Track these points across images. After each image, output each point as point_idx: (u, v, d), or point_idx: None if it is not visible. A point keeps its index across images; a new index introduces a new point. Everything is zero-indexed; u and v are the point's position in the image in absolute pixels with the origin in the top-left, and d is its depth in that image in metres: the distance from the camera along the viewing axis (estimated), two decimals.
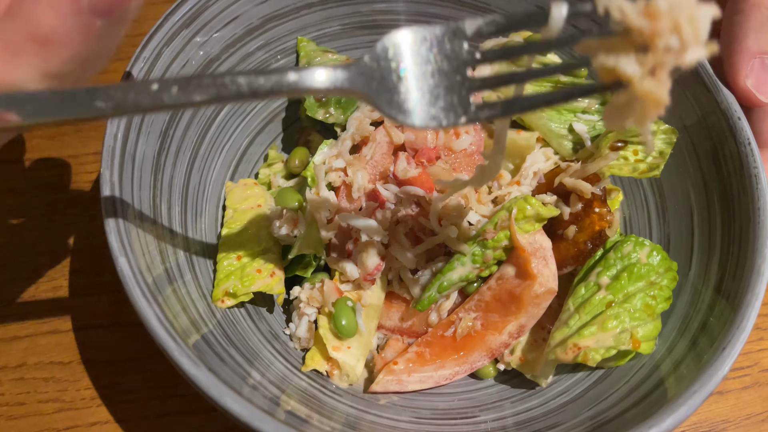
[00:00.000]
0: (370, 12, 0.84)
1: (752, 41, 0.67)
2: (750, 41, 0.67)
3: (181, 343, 0.53)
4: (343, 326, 0.67)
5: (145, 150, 0.66)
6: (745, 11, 0.68)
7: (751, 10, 0.68)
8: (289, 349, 0.72)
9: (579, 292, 0.68)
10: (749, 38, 0.67)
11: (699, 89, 0.72)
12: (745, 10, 0.68)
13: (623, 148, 0.73)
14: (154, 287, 0.57)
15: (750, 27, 0.67)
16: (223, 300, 0.67)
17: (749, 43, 0.67)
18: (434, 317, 0.73)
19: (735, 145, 0.68)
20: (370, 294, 0.72)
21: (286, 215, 0.73)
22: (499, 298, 0.70)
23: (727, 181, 0.69)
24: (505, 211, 0.69)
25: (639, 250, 0.67)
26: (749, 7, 0.68)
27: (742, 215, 0.66)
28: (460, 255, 0.70)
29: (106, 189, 0.59)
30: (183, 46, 0.71)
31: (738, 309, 0.60)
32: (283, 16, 0.80)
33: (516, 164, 0.81)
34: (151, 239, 0.63)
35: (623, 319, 0.64)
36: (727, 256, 0.66)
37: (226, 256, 0.70)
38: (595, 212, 0.69)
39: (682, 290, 0.69)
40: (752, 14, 0.67)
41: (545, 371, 0.69)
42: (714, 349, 0.59)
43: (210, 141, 0.77)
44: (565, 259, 0.70)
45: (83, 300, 0.81)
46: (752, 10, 0.68)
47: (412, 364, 0.69)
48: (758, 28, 0.67)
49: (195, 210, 0.73)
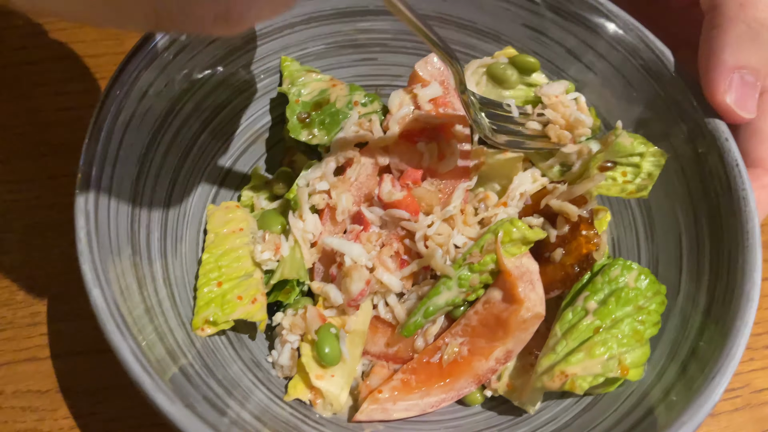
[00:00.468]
0: (353, 31, 0.83)
1: (729, 56, 0.66)
2: (727, 56, 0.66)
3: (156, 378, 0.52)
4: (327, 354, 0.65)
5: (122, 175, 0.64)
6: (721, 26, 0.67)
7: (728, 25, 0.67)
8: (272, 377, 0.70)
9: (566, 317, 0.67)
10: (726, 53, 0.66)
11: (686, 109, 0.71)
12: (721, 24, 0.67)
13: (612, 168, 0.72)
14: (130, 318, 0.56)
15: (726, 42, 0.66)
16: (203, 328, 0.66)
17: (726, 58, 0.66)
18: (420, 342, 0.71)
19: (723, 166, 0.67)
20: (355, 320, 0.70)
21: (269, 239, 0.72)
22: (485, 322, 0.69)
23: (715, 203, 0.68)
24: (491, 234, 0.68)
25: (627, 274, 0.66)
26: (726, 21, 0.67)
27: (731, 238, 0.65)
28: (446, 279, 0.68)
29: (81, 218, 0.57)
30: (163, 67, 0.70)
31: (728, 335, 0.59)
32: (265, 36, 0.79)
33: (503, 185, 0.80)
34: (128, 268, 0.61)
35: (611, 345, 0.63)
36: (716, 280, 0.65)
37: (206, 282, 0.68)
38: (582, 235, 0.68)
39: (671, 314, 0.68)
40: (729, 29, 0.67)
41: (533, 398, 0.67)
42: (704, 376, 0.58)
43: (191, 164, 0.76)
44: (553, 283, 0.69)
45: (62, 326, 0.79)
46: (729, 25, 0.67)
47: (398, 392, 0.68)
48: (735, 43, 0.66)
49: (175, 235, 0.71)
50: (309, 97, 0.79)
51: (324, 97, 0.79)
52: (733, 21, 0.66)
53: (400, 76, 0.88)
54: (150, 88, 0.68)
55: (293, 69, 0.82)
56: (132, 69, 0.66)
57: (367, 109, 0.78)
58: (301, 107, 0.78)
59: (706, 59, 0.68)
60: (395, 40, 0.86)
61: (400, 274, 0.71)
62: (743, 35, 0.66)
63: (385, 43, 0.86)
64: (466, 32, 0.85)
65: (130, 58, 0.67)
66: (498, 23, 0.83)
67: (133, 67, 0.66)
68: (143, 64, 0.67)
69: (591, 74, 0.80)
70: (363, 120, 0.77)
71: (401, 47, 0.87)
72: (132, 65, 0.66)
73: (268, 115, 0.84)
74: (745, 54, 0.66)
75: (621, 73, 0.78)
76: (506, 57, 0.79)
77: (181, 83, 0.72)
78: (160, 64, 0.69)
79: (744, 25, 0.66)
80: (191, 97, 0.74)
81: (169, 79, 0.70)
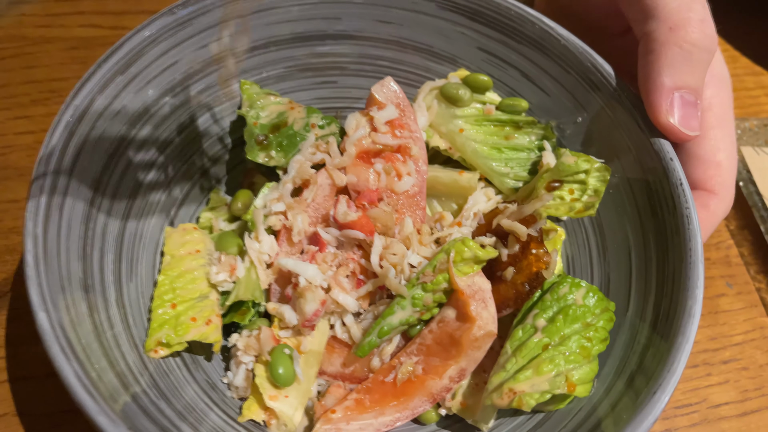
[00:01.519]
0: (311, 55, 0.85)
1: (666, 78, 0.68)
2: (664, 78, 0.68)
3: (100, 402, 0.52)
4: (280, 375, 0.66)
5: (75, 198, 0.65)
6: (654, 50, 0.70)
7: (662, 49, 0.69)
8: (227, 399, 0.70)
9: (516, 334, 0.68)
10: (663, 75, 0.69)
11: (633, 130, 0.73)
12: (655, 49, 0.70)
13: (559, 188, 0.73)
14: (78, 343, 0.56)
15: (662, 65, 0.69)
16: (156, 350, 0.66)
17: (664, 80, 0.68)
18: (376, 362, 0.72)
19: (668, 185, 0.69)
20: (311, 340, 0.71)
21: (224, 260, 0.72)
22: (440, 341, 0.69)
23: (661, 221, 0.70)
24: (444, 254, 0.69)
25: (575, 292, 0.67)
26: (658, 46, 0.70)
27: (676, 255, 0.67)
28: (401, 298, 0.69)
29: (29, 242, 0.57)
30: (117, 93, 0.70)
31: (670, 350, 0.60)
32: (223, 60, 0.80)
33: (459, 204, 0.81)
34: (78, 291, 0.61)
35: (558, 362, 0.63)
36: (662, 296, 0.67)
37: (160, 304, 0.68)
38: (532, 254, 0.69)
39: (620, 330, 0.69)
40: (663, 52, 0.69)
41: (485, 416, 0.68)
42: (648, 389, 0.59)
43: (149, 185, 0.76)
44: (505, 301, 0.70)
45: (19, 349, 0.79)
46: (662, 49, 0.69)
47: (351, 412, 0.68)
48: (671, 65, 0.68)
49: (131, 257, 0.72)
50: (267, 120, 0.80)
51: (282, 119, 0.80)
52: (665, 45, 0.69)
53: (360, 98, 0.89)
54: (104, 112, 0.69)
55: (252, 92, 0.83)
56: (86, 93, 0.67)
57: (324, 131, 0.80)
58: (259, 129, 0.79)
59: (646, 83, 0.70)
60: (355, 63, 0.88)
61: (356, 294, 0.72)
62: (677, 57, 0.68)
63: (345, 67, 0.88)
64: (423, 55, 0.87)
65: (84, 82, 0.67)
66: (454, 47, 0.85)
67: (86, 90, 0.67)
68: (98, 88, 0.68)
69: (543, 95, 0.82)
70: (320, 142, 0.78)
71: (360, 70, 0.88)
72: (86, 89, 0.67)
73: (229, 137, 0.85)
74: (681, 75, 0.68)
75: (572, 95, 0.79)
76: (459, 78, 0.81)
77: (137, 106, 0.73)
78: (115, 88, 0.70)
79: (676, 47, 0.68)
80: (149, 119, 0.75)
81: (124, 102, 0.71)
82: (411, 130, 0.79)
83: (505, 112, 0.81)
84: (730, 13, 1.26)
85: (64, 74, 1.02)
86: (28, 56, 1.03)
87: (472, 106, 0.81)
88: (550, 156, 0.78)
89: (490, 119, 0.81)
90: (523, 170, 0.81)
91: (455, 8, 0.82)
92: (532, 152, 0.81)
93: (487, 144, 0.81)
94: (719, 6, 0.79)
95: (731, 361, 0.89)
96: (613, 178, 0.75)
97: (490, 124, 0.82)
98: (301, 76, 0.87)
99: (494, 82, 0.83)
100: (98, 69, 0.68)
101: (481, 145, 0.81)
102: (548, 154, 0.78)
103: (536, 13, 0.79)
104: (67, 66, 1.03)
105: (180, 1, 0.74)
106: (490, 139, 0.81)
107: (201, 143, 0.82)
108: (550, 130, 0.81)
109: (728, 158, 0.76)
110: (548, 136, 0.81)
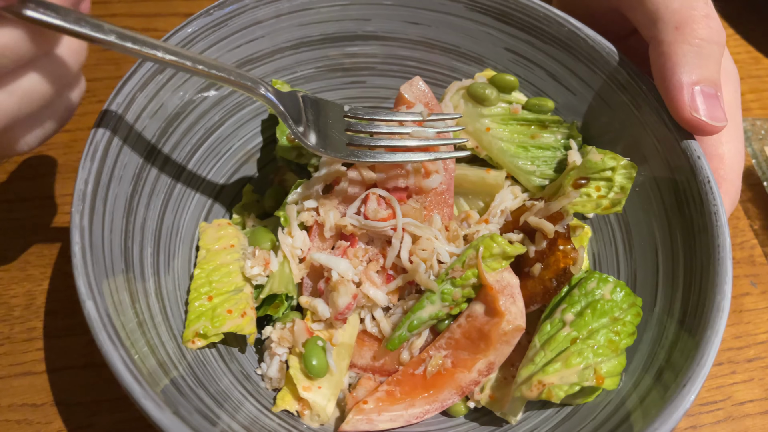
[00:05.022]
0: (342, 56, 0.87)
1: (683, 75, 0.69)
2: (680, 75, 0.69)
3: (146, 387, 0.54)
4: (314, 366, 0.67)
5: (117, 193, 0.67)
6: (665, 52, 0.71)
7: (671, 49, 0.70)
8: (261, 389, 0.72)
9: (545, 328, 0.69)
10: (677, 73, 0.70)
11: (659, 129, 0.74)
12: (665, 51, 0.71)
13: (585, 185, 0.74)
14: (123, 330, 0.58)
15: (675, 64, 0.70)
16: (194, 341, 0.68)
17: (681, 78, 0.69)
18: (406, 355, 0.73)
19: (695, 183, 0.70)
20: (342, 333, 0.72)
21: (258, 255, 0.74)
22: (468, 335, 0.71)
23: (688, 218, 0.71)
24: (473, 250, 0.70)
25: (602, 287, 0.69)
26: (667, 47, 0.71)
27: (703, 252, 0.67)
28: (430, 293, 0.71)
29: (76, 234, 0.60)
30: (157, 91, 0.73)
31: (699, 345, 0.61)
32: (256, 60, 0.83)
33: (486, 202, 0.82)
34: (121, 282, 0.63)
35: (587, 355, 0.65)
36: (689, 292, 0.67)
37: (197, 296, 0.70)
38: (559, 250, 0.70)
39: (648, 326, 0.70)
40: (673, 52, 0.70)
41: (513, 408, 0.69)
42: (677, 383, 0.60)
43: (184, 182, 0.78)
44: (533, 297, 0.71)
45: (57, 341, 0.81)
46: (672, 49, 0.70)
47: (382, 403, 0.70)
48: (684, 63, 0.69)
49: (168, 251, 0.74)
50: None
51: None
52: (674, 44, 0.70)
53: (388, 98, 0.91)
54: (144, 110, 0.71)
55: None
56: (127, 92, 0.69)
57: None
58: None
59: (663, 84, 0.71)
60: (383, 63, 0.89)
61: (386, 289, 0.74)
62: (688, 54, 0.69)
63: (373, 67, 0.89)
64: (450, 56, 0.88)
65: (125, 81, 0.70)
66: (481, 47, 0.86)
67: (128, 90, 0.69)
68: (138, 87, 0.70)
69: (569, 94, 0.83)
70: None
71: (389, 70, 0.90)
72: (127, 88, 0.69)
73: (260, 136, 0.87)
74: (697, 70, 0.69)
75: (598, 94, 0.81)
76: (485, 78, 0.82)
77: (174, 105, 0.75)
78: (155, 86, 0.72)
79: (686, 45, 0.69)
80: (185, 118, 0.77)
81: (162, 101, 0.73)
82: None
83: (531, 111, 0.83)
84: (745, 14, 1.27)
85: (98, 75, 1.05)
86: None
87: (499, 105, 0.83)
88: (576, 154, 0.79)
89: (517, 118, 0.83)
90: (549, 168, 0.82)
91: (483, 9, 0.83)
92: (558, 151, 0.82)
93: (514, 143, 0.82)
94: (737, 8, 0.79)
95: (756, 359, 0.89)
96: (639, 176, 0.76)
97: (516, 123, 0.83)
98: (330, 76, 0.88)
99: (520, 81, 0.84)
100: (138, 68, 0.71)
101: (508, 143, 0.82)
102: (574, 153, 0.80)
103: (563, 14, 0.80)
104: (100, 67, 1.06)
105: (216, 3, 0.76)
106: (516, 137, 0.83)
107: (233, 142, 0.84)
108: (575, 129, 0.83)
109: (732, 152, 0.76)
110: (574, 135, 0.82)
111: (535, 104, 0.82)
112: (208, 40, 0.77)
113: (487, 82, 0.82)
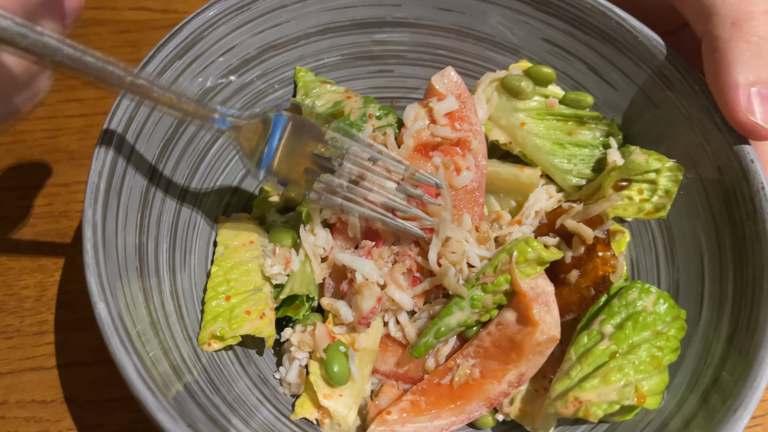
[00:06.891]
0: (369, 42, 0.82)
1: (740, 75, 0.64)
2: (737, 75, 0.64)
3: (159, 396, 0.50)
4: (335, 373, 0.64)
5: (132, 186, 0.64)
6: (721, 49, 0.65)
7: (727, 46, 0.65)
8: (278, 394, 0.69)
9: (581, 340, 0.65)
10: (733, 73, 0.64)
11: (709, 129, 0.69)
12: (720, 47, 0.66)
13: (627, 187, 0.70)
14: (135, 333, 0.55)
15: (731, 62, 0.65)
16: (210, 343, 0.64)
17: (737, 78, 0.64)
18: (431, 363, 0.70)
19: (748, 188, 0.65)
20: (365, 337, 0.69)
21: (279, 253, 0.71)
22: (498, 344, 0.67)
23: (739, 227, 0.66)
24: (506, 254, 0.66)
25: (645, 298, 0.64)
26: (723, 43, 0.65)
27: (755, 263, 0.63)
28: (459, 299, 0.67)
29: (88, 229, 0.56)
30: (176, 77, 0.69)
31: (751, 366, 0.57)
32: (281, 47, 0.78)
33: (519, 202, 0.78)
34: (135, 280, 0.60)
35: (627, 371, 0.60)
36: (740, 307, 0.63)
37: (214, 296, 0.67)
38: (598, 256, 0.66)
39: (692, 341, 0.66)
40: (729, 50, 0.65)
41: (545, 424, 0.65)
42: (726, 408, 0.56)
43: (203, 174, 0.75)
44: (568, 305, 0.67)
45: (69, 335, 0.78)
46: (728, 46, 0.65)
47: (406, 414, 0.66)
48: (741, 62, 0.64)
49: (184, 247, 0.70)
50: (323, 109, 0.78)
51: (338, 109, 0.78)
52: (731, 41, 0.64)
53: (417, 88, 0.87)
54: None
55: (307, 80, 0.81)
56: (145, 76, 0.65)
57: (381, 122, 0.77)
58: (314, 119, 0.77)
59: (717, 83, 0.66)
60: (412, 52, 0.85)
61: (412, 292, 0.70)
62: (746, 52, 0.64)
63: (402, 55, 0.85)
64: (483, 45, 0.83)
65: (144, 65, 0.66)
66: (517, 37, 0.81)
67: (146, 74, 0.65)
68: (157, 71, 0.67)
69: (610, 89, 0.78)
70: (377, 133, 0.76)
71: (418, 59, 0.86)
72: (145, 73, 0.66)
73: None
74: (755, 70, 0.64)
75: (643, 91, 0.76)
76: (520, 69, 0.78)
77: (194, 92, 0.71)
78: (174, 72, 0.68)
79: (743, 42, 0.64)
80: None
81: (183, 86, 0.70)
82: (471, 123, 0.76)
83: (568, 106, 0.78)
84: None
85: (116, 57, 1.01)
86: (79, 38, 1.01)
87: (534, 99, 0.78)
88: (616, 153, 0.75)
89: (553, 113, 0.78)
90: (586, 167, 0.78)
91: None
92: (596, 149, 0.78)
93: (549, 139, 0.78)
94: None
95: None
96: (683, 179, 0.71)
97: (552, 119, 0.78)
98: (357, 64, 0.84)
99: (558, 74, 0.80)
100: (157, 52, 0.67)
101: (543, 140, 0.78)
102: (614, 152, 0.75)
103: (608, 3, 0.75)
104: (118, 49, 1.02)
105: None
106: (552, 134, 0.78)
107: None
108: (615, 126, 0.78)
109: None
110: (614, 133, 0.78)
111: (573, 99, 0.78)
112: (231, 24, 0.73)
113: (523, 74, 0.78)
